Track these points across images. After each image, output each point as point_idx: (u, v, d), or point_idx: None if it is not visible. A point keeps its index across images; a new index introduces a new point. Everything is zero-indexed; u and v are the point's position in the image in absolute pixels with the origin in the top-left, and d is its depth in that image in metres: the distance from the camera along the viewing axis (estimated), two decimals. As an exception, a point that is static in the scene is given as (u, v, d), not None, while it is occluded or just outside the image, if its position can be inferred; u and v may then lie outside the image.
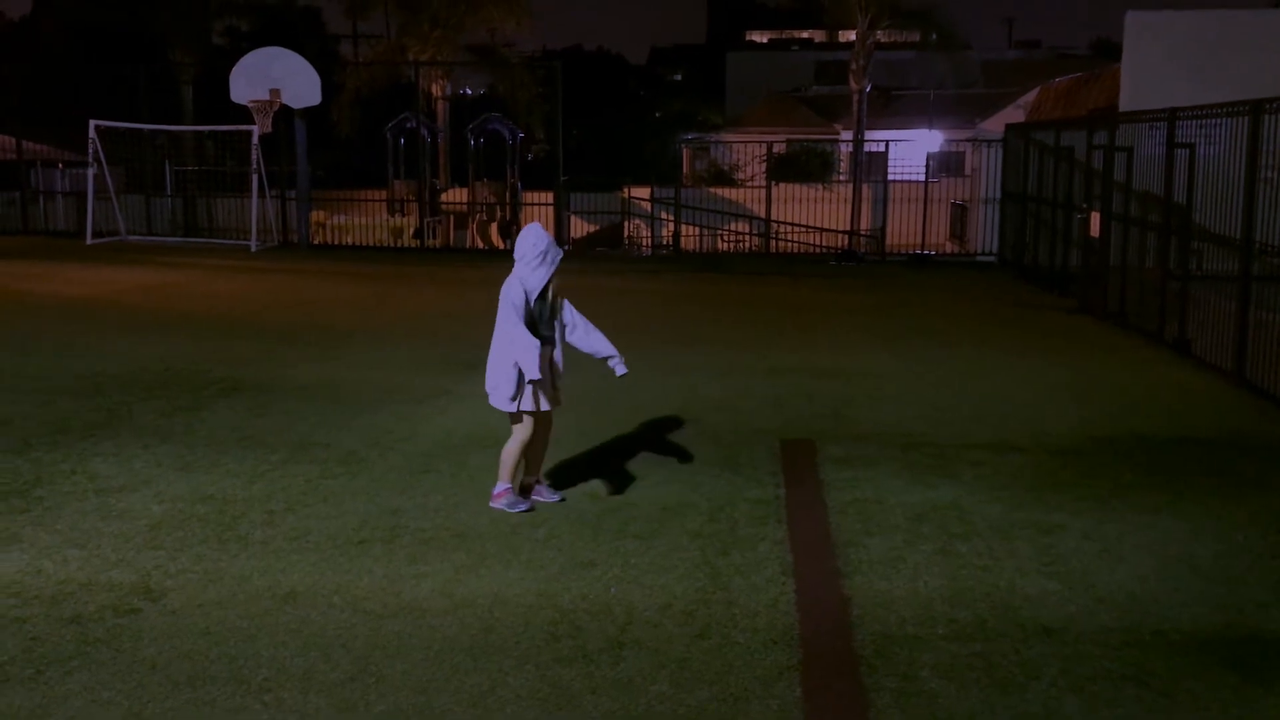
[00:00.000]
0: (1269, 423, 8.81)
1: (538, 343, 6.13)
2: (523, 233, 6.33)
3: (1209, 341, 10.86)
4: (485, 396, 6.37)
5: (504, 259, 6.38)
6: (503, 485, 6.45)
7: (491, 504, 6.46)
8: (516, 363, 6.14)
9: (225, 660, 4.54)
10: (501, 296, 6.23)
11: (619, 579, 5.41)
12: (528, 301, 6.18)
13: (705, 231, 27.28)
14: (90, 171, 22.06)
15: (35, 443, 7.65)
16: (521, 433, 6.36)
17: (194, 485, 6.79)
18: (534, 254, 6.17)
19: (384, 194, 26.98)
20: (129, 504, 6.43)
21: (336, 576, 5.41)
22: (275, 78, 20.99)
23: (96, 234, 22.16)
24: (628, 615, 5.00)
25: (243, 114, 21.51)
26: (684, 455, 7.54)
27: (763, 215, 24.53)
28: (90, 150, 21.92)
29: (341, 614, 4.98)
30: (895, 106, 39.90)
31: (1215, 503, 6.68)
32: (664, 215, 26.49)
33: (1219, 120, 10.70)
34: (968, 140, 27.91)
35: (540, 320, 6.24)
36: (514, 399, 6.26)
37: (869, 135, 30.15)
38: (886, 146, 23.34)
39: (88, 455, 7.38)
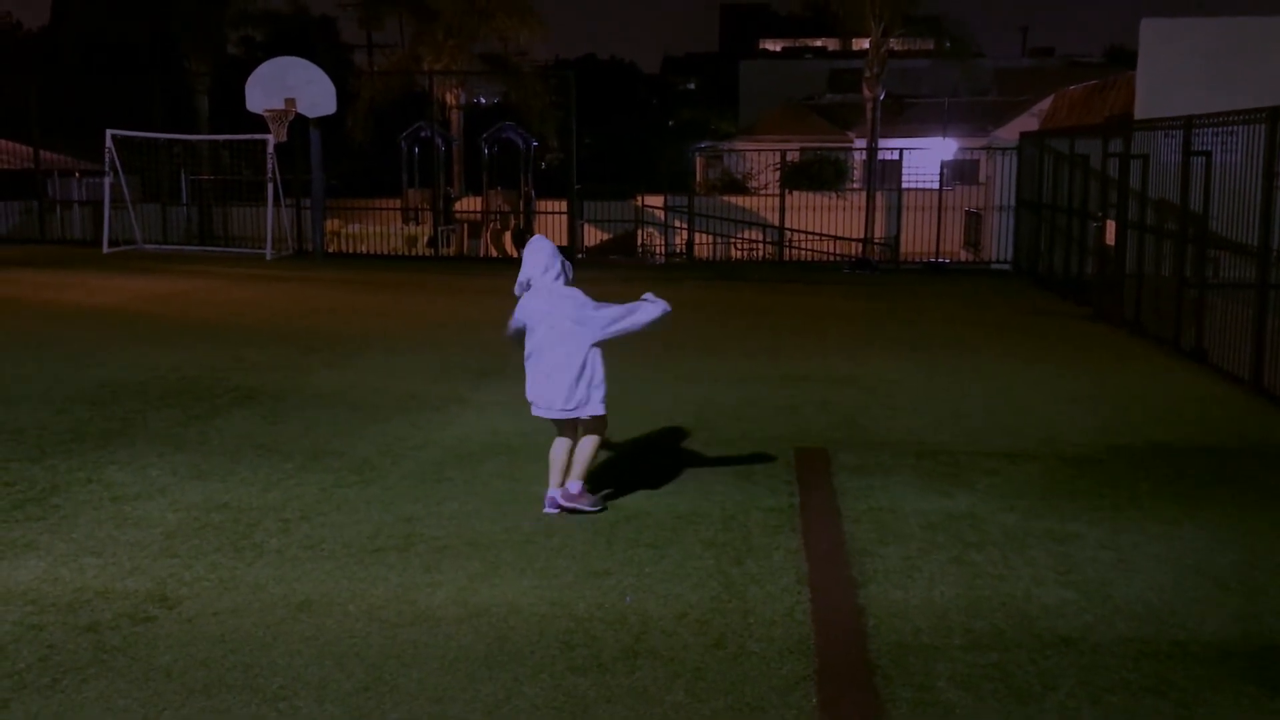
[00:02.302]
0: (1287, 431, 8.76)
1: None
2: (536, 248, 6.36)
3: (1225, 350, 10.80)
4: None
5: (518, 267, 6.36)
6: (580, 484, 6.39)
7: (568, 504, 6.35)
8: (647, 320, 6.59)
9: (240, 668, 4.54)
10: (575, 307, 6.34)
11: (633, 588, 5.40)
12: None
13: (719, 239, 27.29)
14: (107, 180, 22.18)
15: (51, 451, 7.68)
16: (603, 429, 6.45)
17: (209, 493, 6.81)
18: (556, 262, 6.35)
19: (398, 202, 27.04)
20: (144, 512, 6.45)
21: (351, 585, 5.41)
22: (290, 87, 21.08)
23: (113, 243, 22.28)
24: (642, 624, 4.99)
25: (258, 123, 21.61)
26: (698, 463, 7.53)
27: (776, 223, 24.52)
28: (107, 159, 22.03)
29: (356, 622, 4.98)
30: (909, 114, 39.91)
31: (1233, 512, 6.64)
32: (677, 223, 26.49)
33: (1235, 127, 10.66)
34: (982, 148, 27.83)
35: None
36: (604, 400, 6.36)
37: (883, 143, 30.13)
38: (900, 154, 23.32)
39: (103, 463, 7.40)
